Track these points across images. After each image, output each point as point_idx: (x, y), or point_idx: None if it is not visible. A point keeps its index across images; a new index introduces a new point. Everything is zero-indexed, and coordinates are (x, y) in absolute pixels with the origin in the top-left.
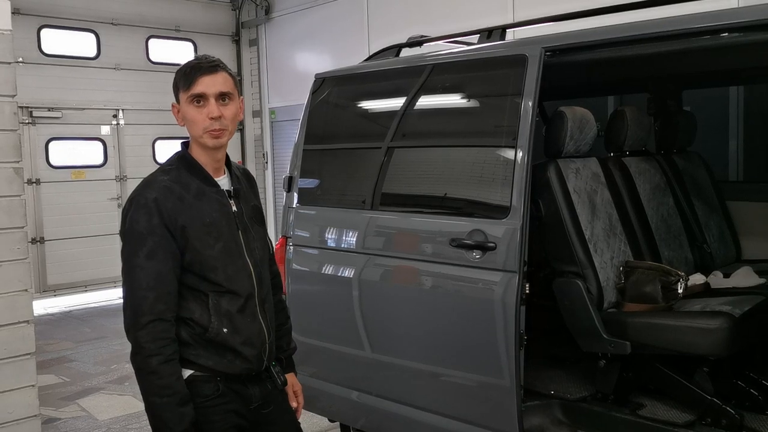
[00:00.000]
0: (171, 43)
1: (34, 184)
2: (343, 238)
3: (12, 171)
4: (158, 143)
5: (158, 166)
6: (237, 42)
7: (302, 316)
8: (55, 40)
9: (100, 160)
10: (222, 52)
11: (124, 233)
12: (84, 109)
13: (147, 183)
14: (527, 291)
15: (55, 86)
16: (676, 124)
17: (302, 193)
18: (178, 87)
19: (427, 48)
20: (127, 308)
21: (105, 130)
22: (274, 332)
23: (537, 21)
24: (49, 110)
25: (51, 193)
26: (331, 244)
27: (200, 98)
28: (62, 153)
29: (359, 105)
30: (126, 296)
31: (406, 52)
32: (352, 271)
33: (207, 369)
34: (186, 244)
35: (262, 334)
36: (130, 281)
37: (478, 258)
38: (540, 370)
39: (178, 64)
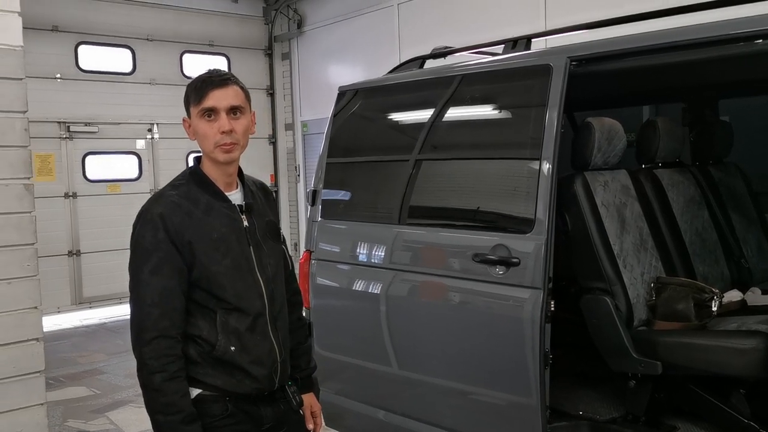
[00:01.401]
0: (205, 58)
1: (71, 198)
2: (367, 252)
3: (23, 187)
4: (192, 157)
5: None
6: (270, 56)
7: (326, 332)
8: (92, 57)
9: (135, 173)
10: (255, 65)
11: (131, 248)
12: (120, 123)
13: (156, 198)
14: (552, 308)
15: (91, 101)
16: (712, 134)
17: (325, 206)
18: (188, 101)
19: (451, 59)
20: (132, 324)
21: (140, 144)
22: (287, 351)
23: (562, 30)
24: (85, 125)
25: (87, 207)
26: (354, 258)
27: (211, 112)
28: (98, 167)
29: (383, 117)
30: (131, 312)
31: (430, 64)
32: (376, 286)
33: (215, 388)
34: (193, 259)
35: (273, 353)
36: (135, 297)
37: (501, 274)
38: (569, 389)
39: None
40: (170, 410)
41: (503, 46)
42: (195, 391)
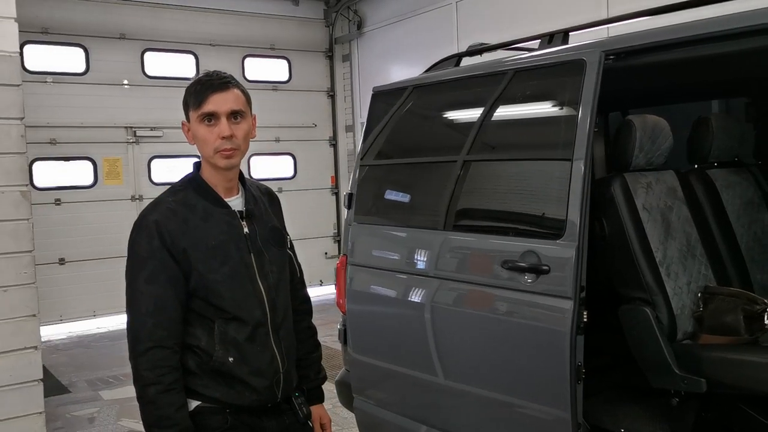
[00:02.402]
0: (266, 61)
1: (138, 200)
2: (401, 257)
3: (19, 194)
4: (253, 159)
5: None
6: (330, 58)
7: (361, 338)
8: (157, 63)
9: None
10: (316, 68)
11: (127, 256)
12: None
13: (153, 205)
14: (585, 318)
15: (157, 107)
16: None
17: (361, 210)
18: (187, 104)
19: (487, 57)
20: (128, 334)
21: None
22: (291, 362)
23: (598, 23)
24: (151, 129)
25: None
26: (388, 263)
27: (211, 117)
28: (163, 170)
29: (417, 118)
30: (127, 321)
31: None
32: (409, 292)
33: (214, 400)
34: (189, 268)
35: (274, 363)
36: (130, 306)
37: (530, 282)
38: (612, 405)
39: (273, 82)
40: (165, 423)
41: (540, 41)
42: (194, 403)
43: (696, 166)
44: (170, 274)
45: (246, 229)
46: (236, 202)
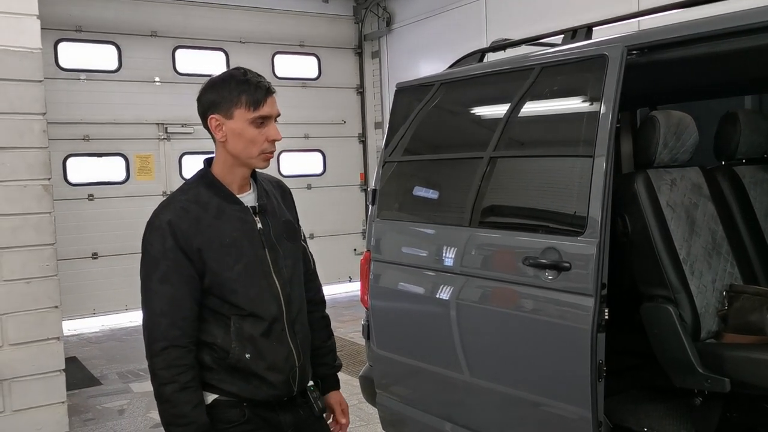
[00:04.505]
0: (295, 58)
1: None
2: (425, 254)
3: (41, 188)
4: (283, 156)
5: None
6: (359, 55)
7: (385, 334)
8: (188, 60)
9: None
10: (345, 65)
11: (141, 255)
12: None
13: (165, 204)
14: (606, 316)
15: (188, 103)
16: None
17: (383, 206)
18: (231, 102)
19: (511, 52)
20: (143, 334)
21: None
22: (306, 356)
23: (623, 18)
24: (182, 126)
25: None
26: (412, 260)
27: (263, 119)
28: (194, 166)
29: (440, 115)
30: (143, 321)
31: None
32: (433, 289)
33: (232, 394)
34: (204, 266)
35: (290, 358)
36: (145, 306)
37: (551, 279)
38: (635, 404)
39: (302, 79)
40: (181, 422)
41: (563, 36)
42: (211, 397)
43: (723, 162)
44: (184, 273)
45: (259, 225)
46: (249, 198)
